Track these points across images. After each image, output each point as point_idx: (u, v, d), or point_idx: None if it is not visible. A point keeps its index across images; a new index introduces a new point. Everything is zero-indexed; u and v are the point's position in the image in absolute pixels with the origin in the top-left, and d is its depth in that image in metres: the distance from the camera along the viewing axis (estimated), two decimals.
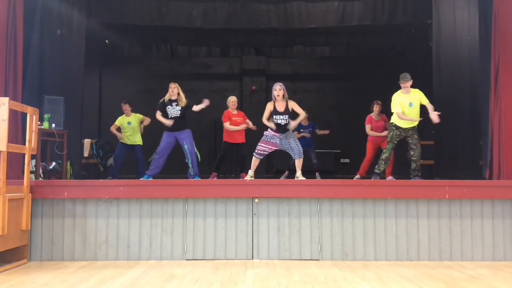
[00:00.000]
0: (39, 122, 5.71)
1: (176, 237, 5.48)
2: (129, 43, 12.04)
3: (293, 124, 6.13)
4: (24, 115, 6.00)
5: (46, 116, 7.13)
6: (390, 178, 6.95)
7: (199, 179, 6.40)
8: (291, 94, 12.08)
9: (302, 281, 4.37)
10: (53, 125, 7.24)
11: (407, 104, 6.31)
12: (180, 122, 6.63)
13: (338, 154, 11.32)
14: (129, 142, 8.23)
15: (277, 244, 5.48)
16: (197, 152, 6.64)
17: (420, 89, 6.43)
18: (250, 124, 7.62)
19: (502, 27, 6.45)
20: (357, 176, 7.58)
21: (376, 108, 7.62)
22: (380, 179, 6.47)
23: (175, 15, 9.48)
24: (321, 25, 9.66)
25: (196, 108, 6.68)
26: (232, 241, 5.48)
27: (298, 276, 4.59)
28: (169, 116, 6.61)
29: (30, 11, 7.29)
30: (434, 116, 6.19)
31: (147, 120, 8.28)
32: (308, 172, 8.88)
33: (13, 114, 5.91)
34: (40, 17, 7.75)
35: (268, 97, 6.53)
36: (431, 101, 6.39)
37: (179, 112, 6.60)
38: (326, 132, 9.42)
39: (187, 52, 12.52)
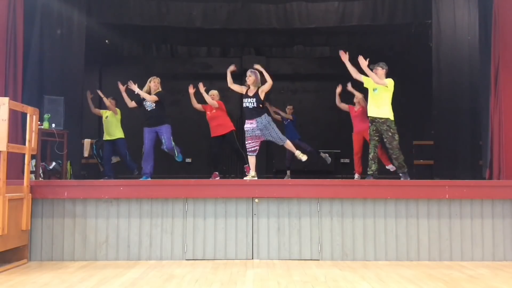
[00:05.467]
0: (39, 122, 5.71)
1: (176, 237, 5.48)
2: (129, 43, 12.06)
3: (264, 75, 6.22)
4: (24, 115, 6.00)
5: (46, 116, 7.13)
6: (390, 166, 6.94)
7: (182, 159, 7.19)
8: (291, 94, 12.25)
9: (302, 281, 4.37)
10: (53, 125, 7.24)
11: (372, 89, 6.52)
12: (156, 116, 6.76)
13: (338, 154, 11.32)
14: (107, 137, 8.24)
15: (277, 244, 5.48)
16: (174, 145, 6.84)
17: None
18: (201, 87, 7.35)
19: (502, 27, 6.44)
20: (356, 175, 7.48)
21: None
22: (374, 179, 6.44)
23: (175, 15, 9.49)
24: (321, 25, 9.66)
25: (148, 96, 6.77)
26: (232, 241, 5.48)
27: (298, 276, 4.59)
28: (147, 110, 6.78)
29: (30, 11, 7.27)
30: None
31: (113, 108, 8.27)
32: (308, 172, 8.88)
33: (13, 114, 5.90)
34: (40, 17, 7.73)
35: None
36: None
37: (154, 105, 6.73)
38: (290, 117, 9.13)
39: (187, 52, 12.54)
